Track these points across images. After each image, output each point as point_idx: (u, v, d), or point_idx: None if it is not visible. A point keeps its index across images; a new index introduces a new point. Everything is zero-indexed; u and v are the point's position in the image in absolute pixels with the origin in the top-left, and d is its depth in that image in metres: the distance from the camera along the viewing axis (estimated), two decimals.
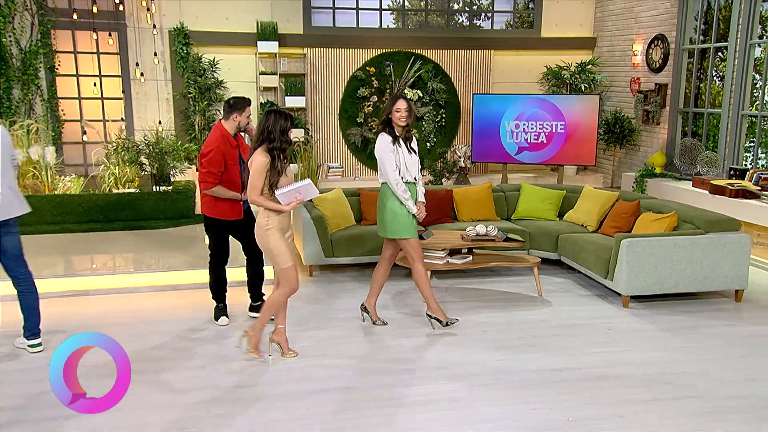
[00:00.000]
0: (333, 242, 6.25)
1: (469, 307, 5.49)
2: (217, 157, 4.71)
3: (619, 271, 5.45)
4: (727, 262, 5.49)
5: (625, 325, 5.15)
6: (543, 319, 5.26)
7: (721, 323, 5.17)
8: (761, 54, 8.08)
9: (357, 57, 10.22)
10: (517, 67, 10.75)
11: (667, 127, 9.12)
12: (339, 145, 10.38)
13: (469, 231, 5.75)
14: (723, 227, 5.62)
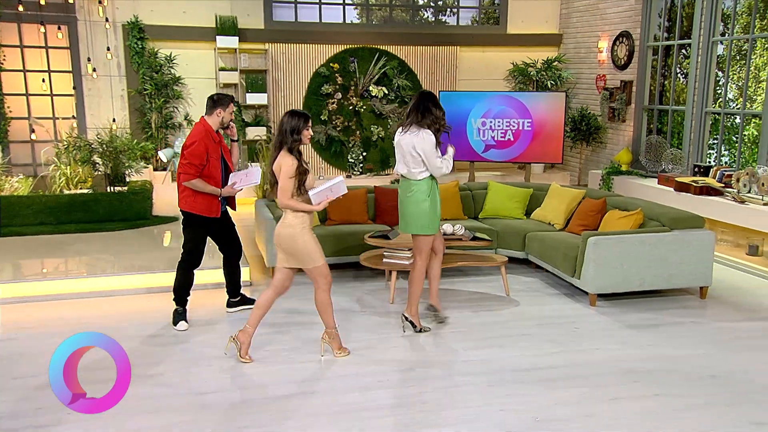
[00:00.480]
0: None
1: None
2: (200, 150, 4.74)
3: (586, 270, 5.55)
4: (692, 259, 5.63)
5: (593, 323, 5.24)
6: (510, 318, 5.31)
7: (687, 320, 5.30)
8: (723, 51, 8.32)
9: (320, 53, 10.20)
10: (483, 63, 10.86)
11: (632, 125, 9.32)
12: None
13: None
14: (687, 224, 5.76)
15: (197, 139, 4.78)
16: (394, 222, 6.65)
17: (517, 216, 7.04)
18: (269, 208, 6.64)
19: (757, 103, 8.32)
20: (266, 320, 5.17)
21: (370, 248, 6.17)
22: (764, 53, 8.38)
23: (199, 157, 4.75)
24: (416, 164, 4.71)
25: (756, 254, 6.81)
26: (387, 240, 5.72)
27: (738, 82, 8.71)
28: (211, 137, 4.84)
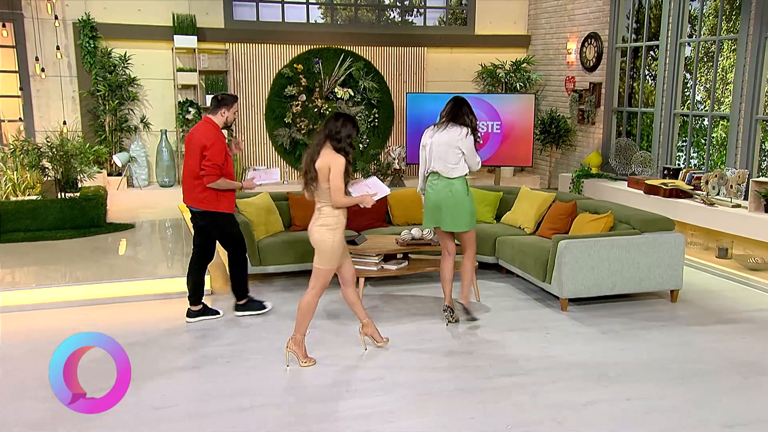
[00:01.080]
0: (260, 249, 6.19)
1: (405, 315, 5.55)
2: (220, 150, 4.96)
3: (557, 274, 5.64)
4: (662, 262, 5.76)
5: (564, 328, 5.32)
6: (481, 324, 5.36)
7: (658, 324, 5.43)
8: (691, 53, 8.55)
9: (283, 53, 10.19)
10: (451, 65, 10.97)
11: (602, 127, 9.51)
12: (265, 146, 10.30)
13: (404, 235, 5.82)
14: (658, 227, 5.89)
15: (215, 140, 4.96)
16: (361, 227, 6.69)
17: (487, 220, 7.12)
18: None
19: (725, 105, 8.57)
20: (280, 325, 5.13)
21: None
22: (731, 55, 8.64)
23: (220, 157, 4.96)
24: (456, 161, 4.98)
25: (725, 257, 7.00)
26: (355, 246, 5.73)
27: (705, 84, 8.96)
28: (219, 133, 5.01)
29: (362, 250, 5.68)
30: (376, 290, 6.18)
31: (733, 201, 6.94)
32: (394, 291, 6.19)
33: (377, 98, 10.42)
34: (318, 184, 4.30)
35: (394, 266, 5.75)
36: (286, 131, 10.16)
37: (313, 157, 4.31)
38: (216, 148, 4.93)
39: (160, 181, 9.86)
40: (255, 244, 6.19)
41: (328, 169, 4.25)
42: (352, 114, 10.06)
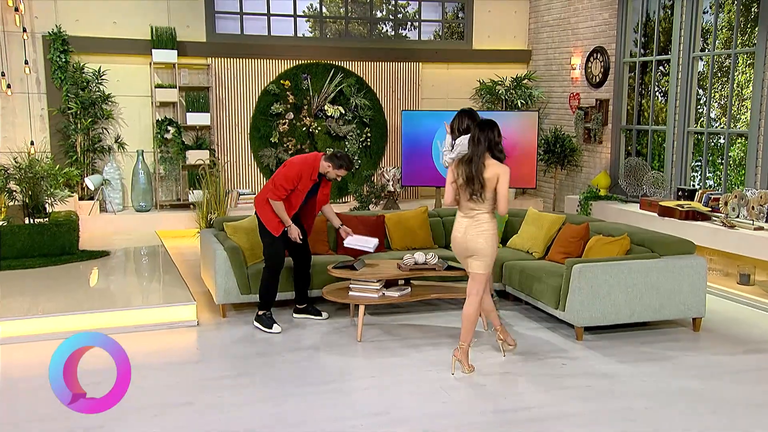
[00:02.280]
0: (250, 277, 6.15)
1: (409, 345, 5.51)
2: (293, 174, 5.66)
3: (571, 300, 5.62)
4: (683, 287, 5.77)
5: (581, 359, 5.29)
6: (491, 356, 5.32)
7: (682, 354, 5.41)
8: (703, 68, 8.68)
9: (269, 69, 10.22)
10: (447, 81, 11.05)
11: (610, 146, 9.59)
12: (250, 168, 10.28)
13: (407, 260, 5.79)
14: (677, 250, 5.91)
15: (297, 165, 5.69)
16: (358, 252, 6.65)
17: None
18: (218, 237, 6.55)
19: (741, 122, 8.68)
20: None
21: (332, 281, 6.13)
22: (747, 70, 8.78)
23: (289, 183, 5.65)
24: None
25: (748, 283, 7.02)
26: (353, 271, 5.69)
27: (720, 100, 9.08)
28: (311, 171, 5.69)
29: (361, 275, 5.64)
30: (376, 319, 6.13)
31: (754, 223, 6.98)
32: (395, 320, 6.14)
33: (369, 116, 10.46)
34: (485, 193, 4.75)
35: (396, 293, 5.71)
36: (272, 151, 10.15)
37: (479, 167, 4.73)
38: (289, 170, 5.66)
39: (135, 205, 9.79)
40: (245, 271, 6.14)
41: (497, 179, 4.72)
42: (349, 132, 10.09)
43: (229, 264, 6.11)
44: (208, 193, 9.15)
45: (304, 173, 5.69)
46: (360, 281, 5.65)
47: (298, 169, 5.69)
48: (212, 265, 6.19)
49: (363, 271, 5.70)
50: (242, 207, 9.82)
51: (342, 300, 5.67)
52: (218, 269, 6.09)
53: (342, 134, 10.29)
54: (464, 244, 4.86)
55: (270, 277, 5.85)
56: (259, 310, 5.91)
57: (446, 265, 5.87)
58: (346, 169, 5.78)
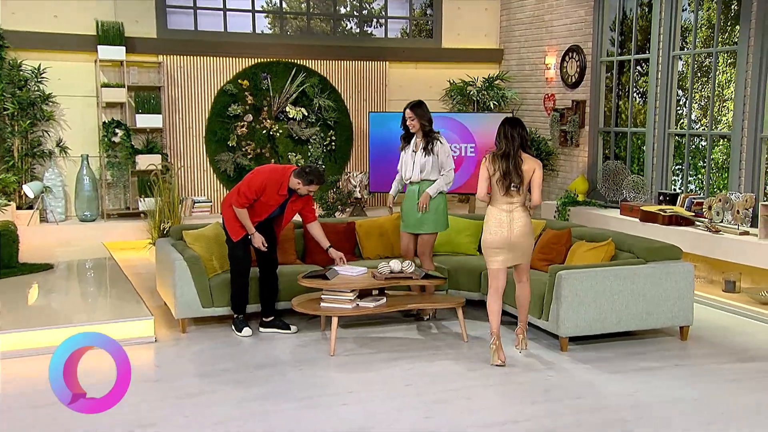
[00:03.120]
0: (212, 288, 6.11)
1: (386, 359, 5.51)
2: (257, 185, 5.77)
3: (555, 309, 5.68)
4: (671, 294, 5.88)
5: (568, 370, 5.35)
6: (473, 368, 5.36)
7: (671, 364, 5.51)
8: (683, 68, 8.90)
9: (226, 67, 10.16)
10: (416, 81, 11.12)
11: (587, 149, 9.75)
12: (206, 174, 10.18)
13: (382, 268, 5.80)
14: (663, 255, 6.02)
15: (263, 175, 5.83)
16: (327, 260, 6.63)
17: (468, 252, 7.16)
18: (176, 247, 6.47)
19: (722, 124, 8.91)
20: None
21: (302, 291, 6.10)
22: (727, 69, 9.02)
23: (252, 191, 5.76)
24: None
25: (733, 291, 7.19)
26: (325, 280, 5.67)
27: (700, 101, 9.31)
28: (278, 186, 5.80)
29: (334, 285, 5.62)
30: (348, 332, 6.11)
31: (740, 228, 7.15)
32: (369, 332, 6.14)
33: (334, 118, 10.46)
34: (523, 186, 5.37)
35: (371, 303, 5.71)
36: (229, 156, 10.07)
37: (517, 162, 5.35)
38: (256, 183, 5.77)
39: (79, 215, 9.60)
40: (206, 282, 6.09)
41: (533, 172, 5.39)
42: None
43: (190, 275, 6.04)
44: (160, 201, 9.03)
45: (269, 185, 5.78)
46: (333, 291, 5.63)
47: (263, 180, 5.78)
48: (171, 277, 6.13)
49: (336, 281, 5.68)
50: (198, 216, 9.71)
51: (313, 312, 5.65)
52: (177, 281, 6.02)
53: (305, 137, 10.27)
54: (509, 240, 5.40)
55: (235, 281, 6.02)
56: (234, 315, 6.13)
57: (423, 274, 5.88)
58: (317, 184, 5.86)
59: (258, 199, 5.81)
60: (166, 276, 6.39)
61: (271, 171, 5.90)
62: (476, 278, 6.66)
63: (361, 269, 6.00)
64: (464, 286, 6.71)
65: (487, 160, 5.49)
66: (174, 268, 6.04)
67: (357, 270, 5.97)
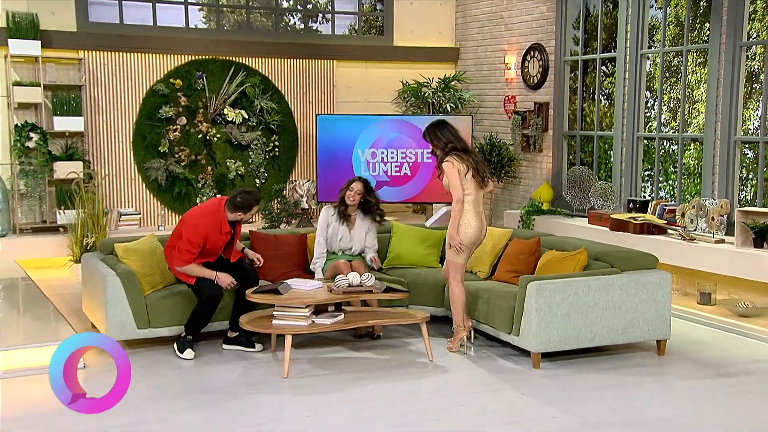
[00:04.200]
0: (149, 307, 6.08)
1: (346, 380, 5.55)
2: (198, 239, 5.88)
3: (526, 323, 5.80)
4: (647, 306, 6.06)
5: (541, 387, 5.47)
6: (440, 387, 5.46)
7: (649, 380, 5.67)
8: (650, 68, 9.21)
9: (157, 65, 10.08)
10: (366, 81, 11.21)
11: (551, 155, 9.97)
12: (134, 183, 10.05)
13: (339, 282, 5.84)
14: (638, 265, 6.21)
15: (201, 227, 5.89)
16: (277, 275, 6.67)
17: (430, 264, 7.25)
18: (106, 262, 6.39)
19: (693, 126, 9.22)
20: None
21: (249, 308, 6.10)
22: (696, 69, 9.36)
23: (195, 245, 5.87)
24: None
25: (709, 303, 7.43)
26: (278, 296, 5.68)
27: (669, 103, 9.62)
28: (218, 227, 5.95)
29: (287, 300, 5.64)
30: (302, 353, 6.12)
31: (715, 235, 7.41)
32: (325, 352, 6.19)
33: (277, 122, 10.46)
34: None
35: (328, 320, 5.74)
36: (160, 163, 9.96)
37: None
38: (197, 237, 5.87)
39: None
40: (142, 300, 6.06)
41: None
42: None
43: (123, 292, 5.98)
44: (82, 214, 8.89)
45: (210, 232, 5.94)
46: (286, 307, 5.64)
47: (202, 230, 5.90)
48: (101, 295, 6.07)
49: (289, 296, 5.69)
50: (124, 230, 9.58)
51: (264, 330, 5.65)
52: (109, 299, 5.97)
53: (245, 143, 10.24)
54: (484, 233, 6.16)
55: (203, 308, 6.00)
56: (182, 333, 6.08)
57: (384, 287, 5.94)
58: (256, 204, 6.10)
59: (203, 248, 5.95)
60: (95, 294, 6.31)
61: (206, 214, 5.99)
62: (439, 292, 6.74)
63: (316, 283, 6.03)
64: (425, 300, 6.78)
65: (452, 162, 5.99)
66: (105, 285, 5.97)
67: (311, 284, 6.00)
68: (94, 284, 6.36)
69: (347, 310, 6.08)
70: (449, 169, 5.99)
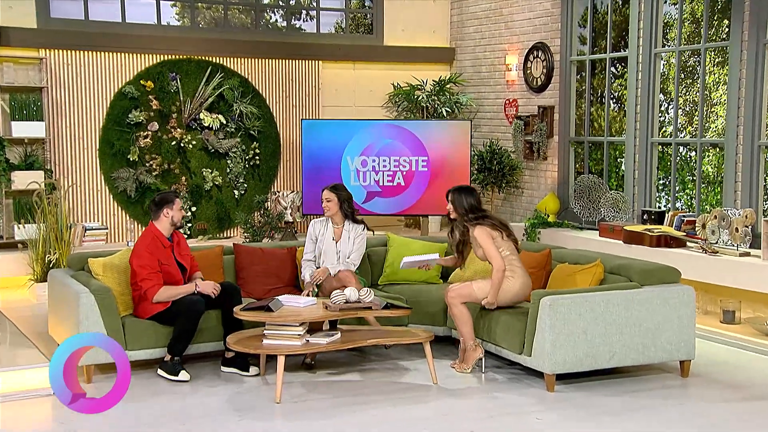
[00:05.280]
0: (126, 328, 6.07)
1: (344, 405, 5.56)
2: (146, 262, 6.05)
3: (539, 342, 5.82)
4: (670, 324, 6.10)
5: (558, 411, 5.49)
6: (445, 412, 5.48)
7: (675, 404, 5.69)
8: (664, 68, 9.33)
9: (126, 65, 10.09)
10: (354, 84, 11.27)
11: (557, 162, 10.04)
12: (100, 194, 10.02)
13: (336, 298, 5.85)
14: (659, 278, 6.26)
15: (142, 249, 6.09)
16: (264, 292, 6.68)
17: (431, 280, 7.28)
18: (77, 279, 6.38)
19: (711, 131, 9.34)
20: None
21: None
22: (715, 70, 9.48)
23: (146, 268, 6.04)
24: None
25: (733, 321, 7.50)
26: (269, 313, 5.68)
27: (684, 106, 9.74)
28: (158, 242, 6.14)
29: (280, 318, 5.64)
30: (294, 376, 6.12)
31: (740, 248, 7.48)
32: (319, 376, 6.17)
33: (258, 127, 10.48)
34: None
35: (323, 339, 5.75)
36: (129, 172, 9.95)
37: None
38: (144, 260, 6.05)
39: None
40: (118, 321, 6.05)
41: None
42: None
43: (98, 312, 5.96)
44: (44, 228, 8.85)
45: (155, 249, 6.13)
46: (278, 326, 5.64)
47: (146, 252, 6.10)
48: (72, 315, 6.03)
49: (281, 313, 5.69)
50: (89, 245, 9.53)
51: (255, 351, 5.65)
52: (82, 318, 5.93)
53: (223, 150, 10.25)
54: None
55: (185, 323, 6.02)
56: (167, 355, 6.08)
57: (384, 304, 5.95)
58: (175, 196, 6.35)
59: (160, 267, 6.11)
60: (65, 314, 6.28)
61: (141, 239, 6.25)
62: (441, 310, 6.76)
63: (309, 299, 6.03)
64: (426, 319, 6.80)
65: (483, 229, 6.19)
66: (78, 304, 5.93)
67: (305, 300, 6.00)
68: (64, 303, 6.33)
69: (343, 328, 6.09)
70: (483, 237, 6.15)
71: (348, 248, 6.86)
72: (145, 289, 6.03)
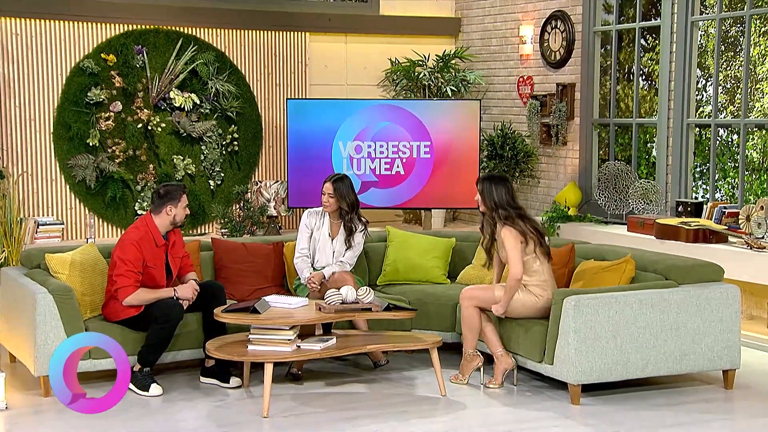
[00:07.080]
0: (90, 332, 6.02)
1: (341, 419, 5.58)
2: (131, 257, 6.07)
3: (562, 348, 5.85)
4: (712, 328, 6.14)
5: (583, 428, 5.51)
6: (455, 428, 5.51)
7: (719, 419, 5.76)
8: (702, 39, 9.38)
9: (84, 36, 10.07)
10: (346, 60, 11.27)
11: (578, 148, 10.07)
12: (55, 185, 10.02)
13: (331, 298, 5.87)
14: (699, 277, 6.31)
15: (129, 242, 6.10)
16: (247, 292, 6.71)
17: (437, 280, 7.33)
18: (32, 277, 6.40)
19: (756, 111, 9.36)
20: None
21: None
22: (761, 41, 9.50)
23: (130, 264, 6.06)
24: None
25: None
26: (255, 315, 5.70)
27: (725, 82, 9.77)
28: (151, 239, 6.16)
29: (267, 320, 5.66)
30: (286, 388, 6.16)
31: None
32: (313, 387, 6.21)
33: (236, 108, 10.47)
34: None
35: (317, 345, 5.77)
36: (89, 159, 9.94)
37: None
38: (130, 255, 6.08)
39: None
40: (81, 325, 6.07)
41: None
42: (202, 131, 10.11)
43: (58, 314, 5.98)
44: None
45: (144, 246, 6.15)
46: (265, 329, 5.66)
47: (134, 247, 6.12)
48: (28, 318, 6.07)
49: (269, 315, 5.72)
50: (42, 242, 9.53)
51: (239, 358, 5.66)
52: (39, 322, 5.96)
53: (196, 134, 10.24)
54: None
55: (161, 330, 6.04)
56: (136, 365, 6.04)
57: (386, 305, 5.98)
58: (183, 191, 6.40)
59: (144, 269, 6.15)
60: (18, 318, 6.33)
61: (133, 230, 6.28)
62: (449, 313, 6.79)
63: (301, 300, 6.06)
64: (433, 323, 6.84)
65: (509, 231, 6.18)
66: (35, 305, 5.96)
67: (296, 301, 6.02)
68: (16, 305, 6.37)
69: (338, 333, 6.12)
70: (510, 240, 6.19)
71: (344, 247, 6.91)
72: (118, 286, 6.05)
